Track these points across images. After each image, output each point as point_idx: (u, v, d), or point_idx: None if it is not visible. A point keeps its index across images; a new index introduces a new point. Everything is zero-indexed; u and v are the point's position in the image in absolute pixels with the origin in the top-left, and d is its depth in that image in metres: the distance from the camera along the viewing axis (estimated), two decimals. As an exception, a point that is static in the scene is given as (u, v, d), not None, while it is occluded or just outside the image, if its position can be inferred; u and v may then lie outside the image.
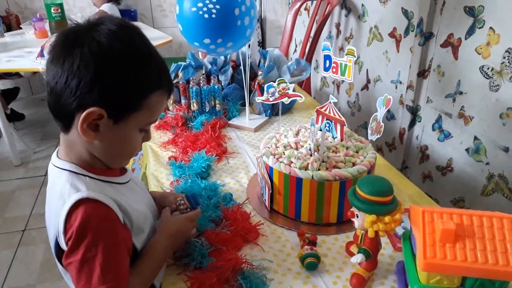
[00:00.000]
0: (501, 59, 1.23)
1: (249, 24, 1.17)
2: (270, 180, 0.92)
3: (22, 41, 2.66)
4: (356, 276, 0.73)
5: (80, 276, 0.60)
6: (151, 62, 0.64)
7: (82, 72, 0.58)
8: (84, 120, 0.59)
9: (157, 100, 0.66)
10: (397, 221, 0.69)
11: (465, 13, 1.36)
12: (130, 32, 0.63)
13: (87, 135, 0.61)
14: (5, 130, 2.48)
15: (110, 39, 0.59)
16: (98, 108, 0.59)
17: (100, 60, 0.58)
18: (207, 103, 1.40)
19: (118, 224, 0.64)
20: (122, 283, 0.62)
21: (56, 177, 0.66)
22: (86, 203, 0.60)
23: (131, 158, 0.74)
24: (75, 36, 0.60)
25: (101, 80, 0.58)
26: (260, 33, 3.44)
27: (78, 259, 0.59)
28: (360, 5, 2.07)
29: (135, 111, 0.63)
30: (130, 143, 0.67)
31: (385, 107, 0.89)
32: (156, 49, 0.67)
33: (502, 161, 1.27)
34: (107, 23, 0.61)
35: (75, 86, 0.58)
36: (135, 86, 0.61)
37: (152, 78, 0.64)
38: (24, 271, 1.77)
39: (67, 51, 0.59)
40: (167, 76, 0.69)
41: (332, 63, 0.97)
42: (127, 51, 0.61)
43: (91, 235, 0.59)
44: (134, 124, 0.65)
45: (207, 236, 0.82)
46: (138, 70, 0.61)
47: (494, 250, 0.58)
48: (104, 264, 0.59)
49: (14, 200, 2.27)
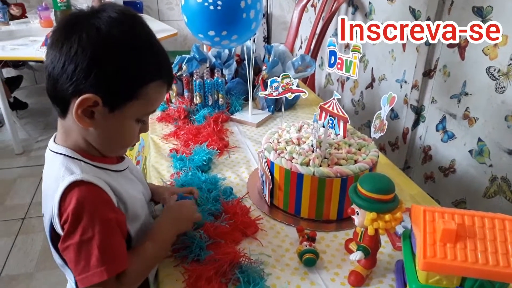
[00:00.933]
0: (508, 60, 1.22)
1: (254, 18, 1.16)
2: (271, 175, 0.91)
3: (27, 29, 2.66)
4: (354, 274, 0.73)
5: (79, 258, 0.59)
6: (151, 52, 0.63)
7: (79, 57, 0.57)
8: (78, 106, 0.59)
9: (155, 91, 0.65)
10: (398, 220, 0.68)
11: (473, 13, 1.34)
12: (131, 20, 0.62)
13: (82, 121, 0.61)
14: (7, 118, 2.49)
15: (110, 26, 0.59)
16: (93, 95, 0.59)
17: (98, 46, 0.58)
18: (210, 96, 1.39)
19: (112, 206, 0.64)
20: (121, 263, 0.62)
21: (51, 161, 0.66)
22: (80, 186, 0.60)
23: (126, 148, 0.73)
24: (76, 21, 0.60)
25: (98, 66, 0.58)
26: (265, 29, 3.43)
27: (76, 241, 0.59)
28: (367, 3, 2.05)
29: (132, 100, 0.62)
30: (126, 132, 0.67)
31: (389, 105, 0.88)
32: (157, 40, 0.66)
33: (506, 163, 1.26)
34: (108, 10, 0.61)
35: (71, 71, 0.58)
36: (132, 75, 0.61)
37: (151, 68, 0.63)
38: (23, 259, 1.77)
39: (66, 36, 0.59)
40: (168, 67, 0.68)
41: (337, 59, 0.96)
42: (126, 39, 0.60)
43: (87, 217, 0.59)
44: (130, 113, 0.64)
45: (205, 229, 0.81)
46: (136, 58, 0.61)
47: (495, 251, 0.57)
48: (101, 245, 0.59)
49: (14, 188, 2.27)
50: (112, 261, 0.60)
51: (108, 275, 0.59)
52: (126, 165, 0.74)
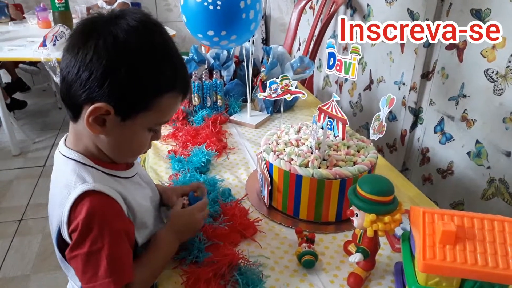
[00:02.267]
0: (506, 62, 1.22)
1: (254, 18, 1.16)
2: (270, 177, 0.91)
3: (25, 30, 2.66)
4: (353, 276, 0.73)
5: (87, 269, 0.59)
6: (167, 63, 0.62)
7: (94, 65, 0.56)
8: (90, 114, 0.58)
9: (169, 102, 0.64)
10: (397, 222, 0.68)
11: (472, 16, 1.35)
12: (150, 29, 0.61)
13: (93, 129, 0.60)
14: (4, 120, 2.48)
15: (128, 35, 0.57)
16: (105, 104, 0.58)
17: (114, 55, 0.57)
18: (208, 98, 1.39)
19: (123, 217, 0.63)
20: (128, 274, 0.62)
21: (62, 166, 0.65)
22: (92, 195, 0.60)
23: (137, 156, 0.72)
24: (93, 27, 0.59)
25: (112, 75, 0.57)
26: (264, 30, 3.43)
27: (85, 252, 0.58)
28: (366, 5, 2.06)
29: (144, 111, 0.61)
30: (137, 141, 0.66)
31: (388, 107, 0.88)
32: (176, 49, 0.65)
33: (504, 165, 1.27)
34: (128, 17, 0.59)
35: (85, 78, 0.57)
36: (146, 86, 0.59)
37: (166, 79, 0.61)
38: (20, 261, 1.76)
39: (82, 41, 0.58)
40: (184, 78, 0.66)
41: (336, 61, 0.96)
42: (142, 49, 0.59)
43: (97, 228, 0.59)
44: (142, 123, 0.63)
45: (204, 231, 0.81)
46: (152, 69, 0.59)
47: (494, 253, 0.57)
48: (110, 256, 0.59)
49: (11, 190, 2.26)
50: (119, 272, 0.60)
51: (115, 286, 0.59)
52: (136, 171, 0.73)
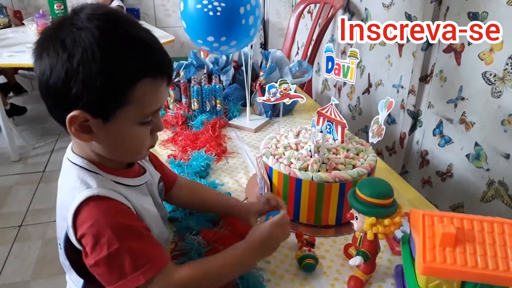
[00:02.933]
0: (504, 65, 1.23)
1: (253, 24, 1.17)
2: (270, 181, 0.91)
3: (24, 36, 2.66)
4: (354, 279, 0.73)
5: (112, 270, 0.57)
6: (131, 50, 0.56)
7: (55, 72, 0.54)
8: (70, 125, 0.56)
9: (146, 91, 0.58)
10: (397, 224, 0.68)
11: (469, 19, 1.36)
12: (103, 20, 0.55)
13: (80, 138, 0.58)
14: (4, 125, 2.48)
15: (80, 33, 0.54)
16: (79, 111, 0.55)
17: (67, 58, 0.53)
18: (207, 102, 1.39)
19: (132, 214, 0.61)
20: (157, 265, 0.59)
21: (68, 171, 0.63)
22: (96, 200, 0.58)
23: (142, 153, 0.66)
24: (48, 33, 0.57)
25: (74, 80, 0.53)
26: (262, 35, 3.44)
27: (104, 255, 0.57)
28: (363, 9, 2.07)
29: (121, 106, 0.57)
30: (132, 139, 0.62)
31: (387, 110, 0.89)
32: (142, 32, 0.59)
33: (503, 167, 1.27)
34: (80, 16, 0.56)
35: (52, 88, 0.55)
36: (111, 80, 0.54)
37: (131, 67, 0.56)
38: (19, 267, 1.76)
39: (40, 50, 0.56)
40: (157, 60, 0.59)
41: (335, 65, 0.96)
42: (98, 43, 0.53)
43: (109, 229, 0.57)
44: (127, 120, 0.59)
45: (204, 235, 0.81)
46: (112, 62, 0.54)
47: (494, 255, 0.57)
48: (131, 252, 0.57)
49: (11, 196, 2.26)
50: (145, 264, 0.58)
51: (145, 278, 0.57)
52: (144, 181, 0.71)
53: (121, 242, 0.57)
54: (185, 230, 0.83)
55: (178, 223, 0.86)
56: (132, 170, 0.70)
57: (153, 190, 0.75)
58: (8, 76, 3.25)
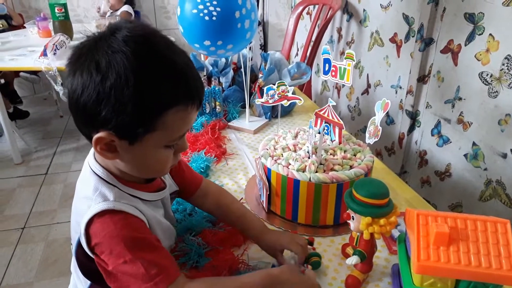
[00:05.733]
0: (500, 65, 1.24)
1: (249, 27, 1.18)
2: (268, 182, 0.93)
3: (25, 40, 2.68)
4: (351, 278, 0.74)
5: (127, 282, 0.58)
6: (162, 77, 0.55)
7: (86, 94, 0.54)
8: (95, 144, 0.57)
9: (175, 118, 0.58)
10: (392, 224, 0.69)
11: (465, 20, 1.37)
12: (138, 45, 0.55)
13: (105, 156, 0.59)
14: (6, 128, 2.50)
15: (111, 60, 0.53)
16: (106, 133, 0.56)
17: (100, 82, 0.53)
18: (207, 104, 1.41)
19: (145, 228, 0.62)
20: (169, 277, 0.58)
21: (87, 177, 0.64)
22: (111, 214, 0.59)
23: (164, 172, 0.69)
24: (81, 52, 0.56)
25: (105, 103, 0.53)
26: (262, 36, 3.45)
27: (117, 265, 0.57)
28: (361, 10, 2.08)
29: (149, 132, 0.57)
30: (155, 161, 0.62)
31: (383, 111, 0.90)
32: (176, 56, 0.58)
33: (500, 167, 1.28)
34: (113, 39, 0.55)
35: (82, 108, 0.55)
36: (142, 108, 0.54)
37: (163, 95, 0.56)
38: (23, 269, 1.77)
39: (74, 71, 0.55)
40: (188, 87, 0.58)
41: (332, 67, 0.98)
42: (131, 69, 0.53)
43: (121, 242, 0.57)
44: (153, 143, 0.59)
45: (204, 235, 0.82)
46: (144, 90, 0.54)
47: (487, 253, 0.58)
48: (144, 263, 0.57)
49: (14, 198, 2.28)
50: (159, 274, 0.58)
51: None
52: (162, 196, 0.72)
53: (133, 253, 0.57)
54: (184, 231, 0.84)
55: (178, 224, 0.87)
56: (152, 184, 0.70)
57: (167, 203, 0.76)
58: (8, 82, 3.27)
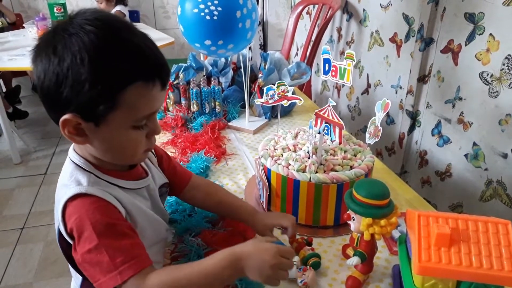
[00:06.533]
0: (500, 65, 1.24)
1: (250, 27, 1.18)
2: (268, 182, 0.92)
3: (24, 40, 2.68)
4: (351, 279, 0.73)
5: (92, 267, 0.58)
6: (120, 54, 0.56)
7: (47, 78, 0.56)
8: (62, 127, 0.58)
9: (137, 95, 0.57)
10: (393, 225, 0.69)
11: (466, 20, 1.36)
12: (95, 26, 0.56)
13: (74, 140, 0.60)
14: (5, 128, 2.49)
15: (70, 40, 0.55)
16: (71, 115, 0.57)
17: (56, 61, 0.55)
18: (207, 104, 1.40)
19: (118, 215, 0.61)
20: (136, 265, 0.58)
21: (66, 167, 0.65)
22: (83, 197, 0.60)
23: (137, 156, 0.66)
24: (44, 39, 0.59)
25: (64, 84, 0.55)
26: (262, 36, 3.45)
27: (85, 251, 0.58)
28: (361, 10, 2.08)
29: (111, 110, 0.57)
30: (125, 142, 0.62)
31: (383, 111, 0.89)
32: (135, 36, 0.59)
33: (501, 167, 1.28)
34: (75, 22, 0.57)
35: (46, 92, 0.57)
36: (97, 84, 0.55)
37: (121, 71, 0.56)
38: (22, 269, 1.77)
39: (37, 55, 0.58)
40: (148, 63, 0.59)
41: (332, 67, 0.97)
42: (86, 48, 0.54)
43: (90, 226, 0.58)
44: (118, 123, 0.59)
45: (203, 236, 0.82)
46: (99, 66, 0.55)
47: (489, 254, 0.58)
48: (110, 250, 0.57)
49: (13, 198, 2.27)
50: (124, 263, 0.58)
51: (122, 279, 0.57)
52: (145, 185, 0.71)
53: (100, 239, 0.57)
54: (184, 232, 0.84)
55: (177, 225, 0.87)
56: (133, 172, 0.70)
57: (154, 195, 0.75)
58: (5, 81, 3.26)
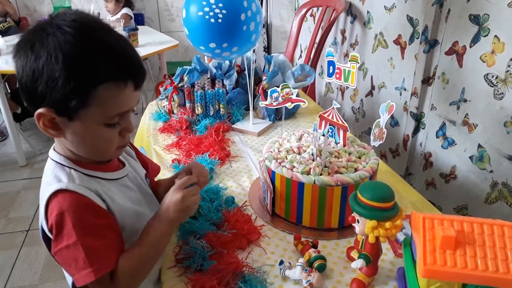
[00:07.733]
0: (505, 67, 1.23)
1: (254, 30, 1.18)
2: (272, 184, 0.92)
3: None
4: (356, 282, 0.73)
5: (68, 262, 0.62)
6: (95, 53, 0.59)
7: (25, 73, 0.60)
8: (37, 120, 0.61)
9: (108, 94, 0.61)
10: (398, 227, 0.69)
11: (470, 21, 1.36)
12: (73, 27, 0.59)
13: (49, 133, 0.63)
14: (11, 131, 2.51)
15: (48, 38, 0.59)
16: (45, 109, 0.60)
17: (34, 59, 0.59)
18: (211, 107, 1.41)
19: (99, 211, 0.64)
20: (108, 264, 0.62)
21: (47, 167, 0.69)
22: (64, 194, 0.62)
23: (109, 153, 0.69)
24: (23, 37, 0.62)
25: (39, 78, 0.58)
26: (265, 39, 3.46)
27: (63, 246, 0.61)
28: (365, 12, 2.08)
29: (83, 107, 0.60)
30: (97, 138, 0.65)
31: (388, 114, 0.89)
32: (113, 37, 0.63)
33: (506, 169, 1.27)
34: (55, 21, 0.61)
35: (24, 87, 0.61)
36: (69, 82, 0.58)
37: (95, 70, 0.59)
38: (27, 271, 1.78)
39: (17, 52, 0.61)
40: (120, 65, 0.62)
41: (336, 69, 0.97)
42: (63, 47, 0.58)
43: (70, 223, 0.60)
44: (90, 120, 0.62)
45: (208, 239, 0.82)
46: (71, 64, 0.58)
47: (494, 257, 0.58)
48: (86, 248, 0.61)
49: (18, 201, 2.28)
50: (98, 262, 0.61)
51: (96, 276, 0.60)
52: (125, 174, 0.75)
53: (78, 236, 0.60)
54: (189, 234, 0.84)
55: (182, 227, 0.87)
56: (110, 164, 0.73)
57: (140, 183, 0.79)
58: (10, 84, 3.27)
